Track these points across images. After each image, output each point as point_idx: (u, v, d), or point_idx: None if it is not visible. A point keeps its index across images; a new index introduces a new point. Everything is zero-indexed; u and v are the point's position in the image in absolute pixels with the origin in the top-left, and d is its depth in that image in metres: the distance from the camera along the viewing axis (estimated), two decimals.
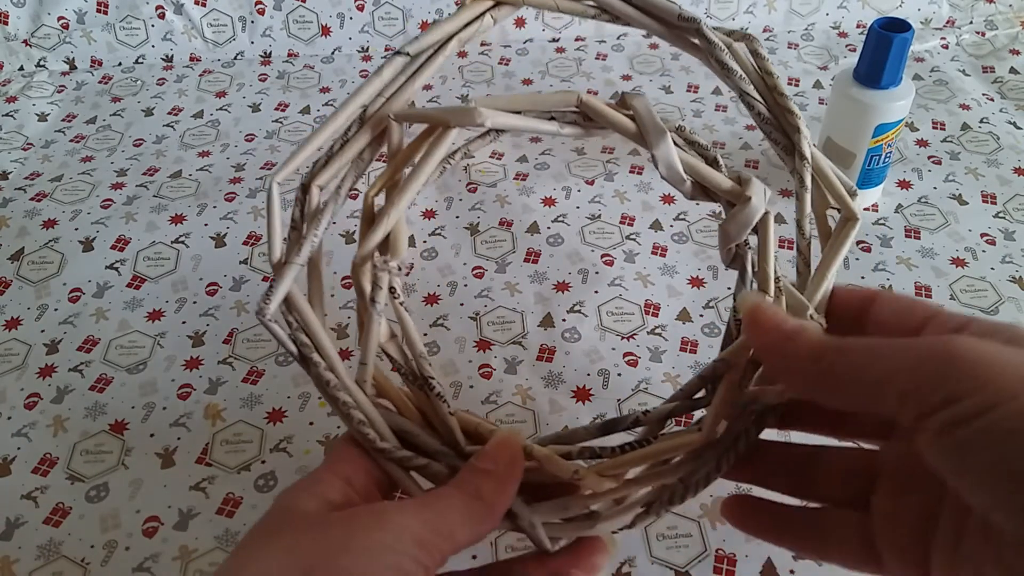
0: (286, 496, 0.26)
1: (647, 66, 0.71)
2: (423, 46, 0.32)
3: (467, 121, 0.29)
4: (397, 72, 0.32)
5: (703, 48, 0.33)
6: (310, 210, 0.30)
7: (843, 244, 0.32)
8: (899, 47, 0.48)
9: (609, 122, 0.31)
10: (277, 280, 0.28)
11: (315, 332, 0.29)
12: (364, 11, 0.73)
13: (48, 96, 0.69)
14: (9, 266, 0.52)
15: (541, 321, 0.48)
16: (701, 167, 0.31)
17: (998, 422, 0.20)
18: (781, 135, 0.33)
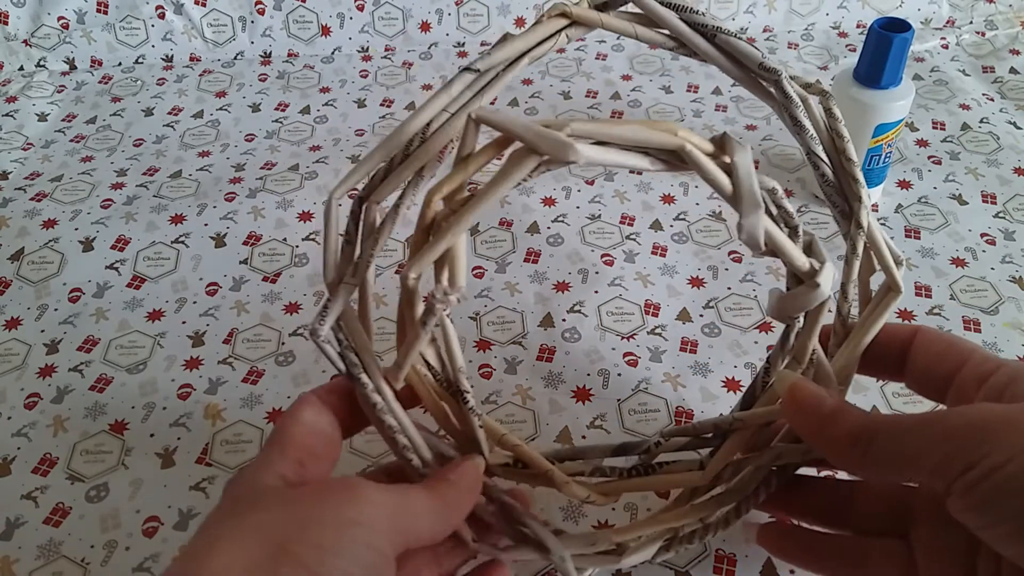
0: (239, 478, 0.27)
1: (647, 66, 0.71)
2: (493, 62, 0.31)
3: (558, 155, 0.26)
4: (464, 87, 0.31)
5: (779, 100, 0.32)
6: (366, 227, 0.29)
7: (881, 315, 0.32)
8: (899, 47, 0.48)
9: (708, 178, 0.29)
10: (332, 300, 0.28)
11: (364, 353, 0.29)
12: (364, 11, 0.73)
13: (48, 96, 0.69)
14: (9, 266, 0.52)
15: (541, 321, 0.48)
16: (781, 240, 0.30)
17: (1013, 476, 0.22)
18: (840, 199, 0.33)
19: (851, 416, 0.26)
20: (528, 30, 0.31)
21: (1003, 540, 0.23)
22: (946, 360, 0.29)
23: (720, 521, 0.32)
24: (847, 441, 0.26)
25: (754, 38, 0.74)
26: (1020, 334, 0.46)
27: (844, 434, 0.26)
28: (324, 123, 0.65)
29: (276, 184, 0.58)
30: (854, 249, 0.32)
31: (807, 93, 0.32)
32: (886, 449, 0.25)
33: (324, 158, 0.61)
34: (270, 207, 0.56)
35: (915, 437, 0.24)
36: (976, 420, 0.23)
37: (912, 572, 0.28)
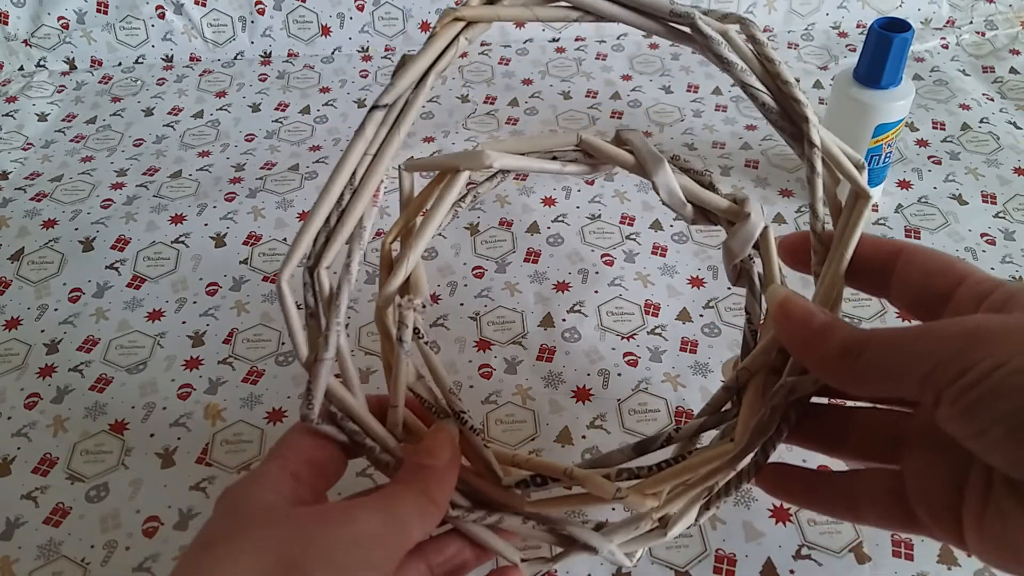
0: (240, 492, 0.26)
1: (647, 66, 0.71)
2: (400, 91, 0.31)
3: (476, 165, 0.30)
4: (378, 126, 0.31)
5: (699, 43, 0.32)
6: (323, 296, 0.29)
7: (857, 223, 0.32)
8: (899, 47, 0.48)
9: (608, 157, 0.32)
10: (313, 381, 0.28)
11: (361, 418, 0.29)
12: (364, 11, 0.73)
13: (48, 96, 0.69)
14: (9, 266, 0.52)
15: (541, 321, 0.48)
16: (699, 191, 0.33)
17: (1004, 379, 0.21)
18: (788, 123, 0.33)
19: (842, 329, 0.26)
20: (425, 46, 0.31)
21: (993, 446, 0.22)
22: (940, 277, 0.27)
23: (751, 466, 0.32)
24: (837, 353, 0.25)
25: None
26: None
27: (835, 346, 0.25)
28: (324, 123, 0.65)
29: (276, 184, 0.58)
30: (812, 167, 0.32)
31: (725, 25, 0.32)
32: (877, 359, 0.24)
33: (324, 158, 0.61)
34: (270, 207, 0.56)
35: (907, 346, 0.24)
36: (971, 328, 0.23)
37: (903, 502, 0.28)
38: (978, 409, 0.22)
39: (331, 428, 0.29)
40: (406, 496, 0.27)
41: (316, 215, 0.29)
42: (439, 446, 0.29)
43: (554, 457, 0.41)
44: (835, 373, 0.26)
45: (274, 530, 0.24)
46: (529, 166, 0.32)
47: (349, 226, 0.30)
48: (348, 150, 0.30)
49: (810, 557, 0.37)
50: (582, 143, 0.33)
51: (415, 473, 0.28)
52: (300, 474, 0.27)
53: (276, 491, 0.26)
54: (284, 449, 0.28)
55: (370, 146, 0.31)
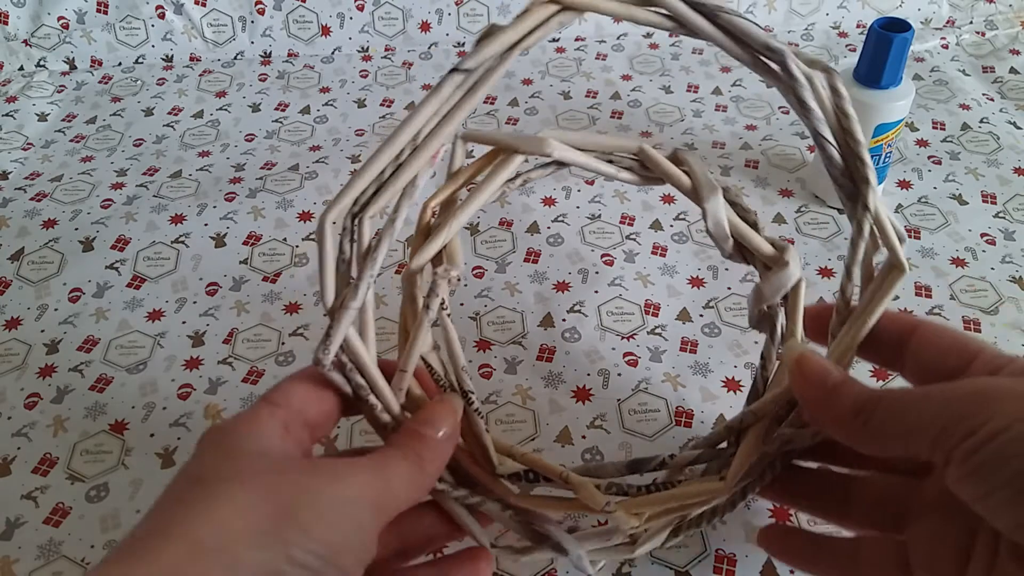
0: (228, 434, 0.25)
1: (647, 66, 0.71)
2: (482, 59, 0.30)
3: (535, 150, 0.30)
4: (454, 88, 0.30)
5: (784, 81, 0.32)
6: (362, 244, 0.29)
7: (886, 295, 0.32)
8: (899, 47, 0.48)
9: (665, 173, 0.32)
10: (334, 326, 0.27)
11: (370, 374, 0.29)
12: (364, 11, 0.73)
13: (48, 96, 0.69)
14: (9, 266, 0.52)
15: (541, 321, 0.48)
16: (745, 229, 0.32)
17: (1009, 443, 0.21)
18: (847, 181, 0.32)
19: (855, 387, 0.26)
20: (517, 19, 0.30)
21: (999, 509, 0.22)
22: (953, 355, 0.28)
23: (727, 504, 0.32)
24: (850, 411, 0.26)
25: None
26: (1020, 334, 0.46)
27: (848, 405, 0.26)
28: (324, 123, 0.65)
29: (276, 184, 0.58)
30: (860, 231, 0.32)
31: (812, 71, 0.32)
32: (888, 419, 0.25)
33: (324, 158, 0.61)
34: (270, 207, 0.56)
35: (918, 406, 0.24)
36: (980, 388, 0.23)
37: (905, 571, 0.28)
38: (985, 472, 0.22)
39: (339, 377, 0.28)
40: (400, 462, 0.27)
41: (374, 164, 0.29)
42: (440, 417, 0.29)
43: (554, 457, 0.41)
44: (848, 432, 0.26)
45: (269, 476, 0.24)
46: (587, 163, 0.31)
47: (403, 180, 0.29)
48: (420, 106, 0.30)
49: None
50: (640, 153, 0.32)
51: (412, 440, 0.28)
52: (289, 424, 0.27)
53: (267, 438, 0.26)
54: (277, 396, 0.27)
55: (442, 107, 0.30)
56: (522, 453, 0.31)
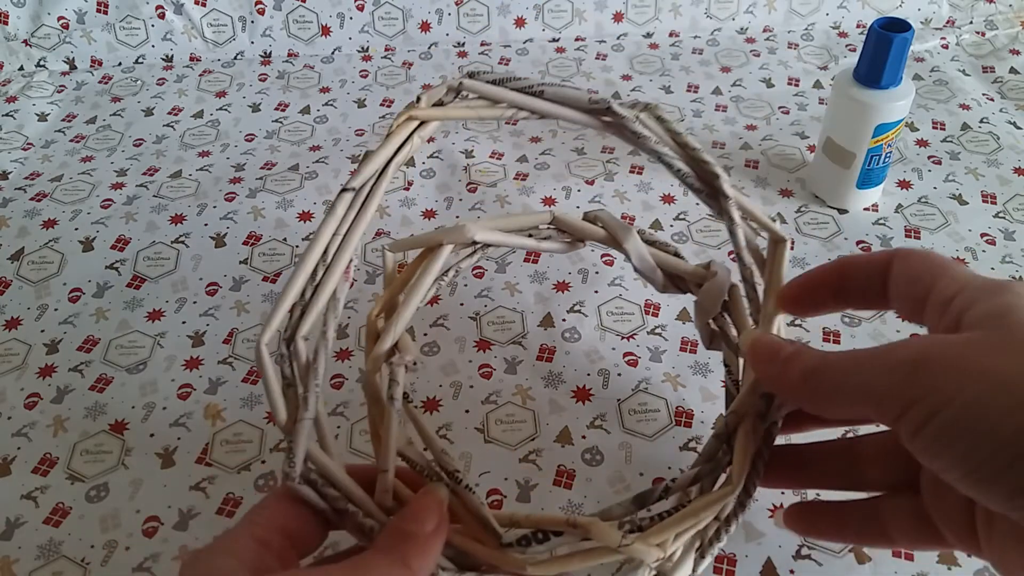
0: (203, 558, 0.25)
1: (647, 66, 0.71)
2: (364, 178, 0.35)
3: (457, 239, 0.33)
4: (347, 207, 0.34)
5: (615, 123, 0.36)
6: (300, 363, 0.31)
7: (780, 267, 0.35)
8: (899, 47, 0.48)
9: (580, 232, 0.36)
10: (294, 440, 0.28)
11: (340, 482, 0.29)
12: (364, 11, 0.73)
13: (48, 96, 0.69)
14: (9, 266, 0.52)
15: (541, 321, 0.48)
16: (667, 258, 0.37)
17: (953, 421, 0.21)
18: (703, 184, 0.36)
19: (805, 355, 0.27)
20: (384, 141, 0.35)
21: (957, 483, 0.22)
22: (920, 281, 0.27)
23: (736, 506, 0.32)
24: (800, 379, 0.26)
25: (754, 38, 0.74)
26: None
27: (798, 372, 0.26)
28: (324, 123, 0.65)
29: (276, 184, 0.58)
30: (731, 219, 0.35)
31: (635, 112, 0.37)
32: (832, 382, 0.25)
33: (324, 158, 0.61)
34: (270, 207, 0.56)
35: (858, 371, 0.24)
36: (914, 356, 0.23)
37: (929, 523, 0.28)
38: (938, 448, 0.22)
39: (311, 492, 0.28)
40: (381, 564, 0.26)
41: (291, 289, 0.32)
42: (425, 511, 0.28)
43: (554, 458, 0.41)
44: (800, 398, 0.27)
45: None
46: (508, 241, 0.35)
47: (324, 297, 0.32)
48: (321, 228, 0.33)
49: (810, 557, 0.37)
50: (555, 221, 0.37)
51: (395, 539, 0.27)
52: (269, 541, 0.26)
53: (239, 557, 0.25)
54: (255, 515, 0.27)
55: (340, 225, 0.34)
56: (525, 516, 0.30)
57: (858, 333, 0.47)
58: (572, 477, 0.40)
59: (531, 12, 0.73)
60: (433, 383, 0.45)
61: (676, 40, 0.74)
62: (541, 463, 0.41)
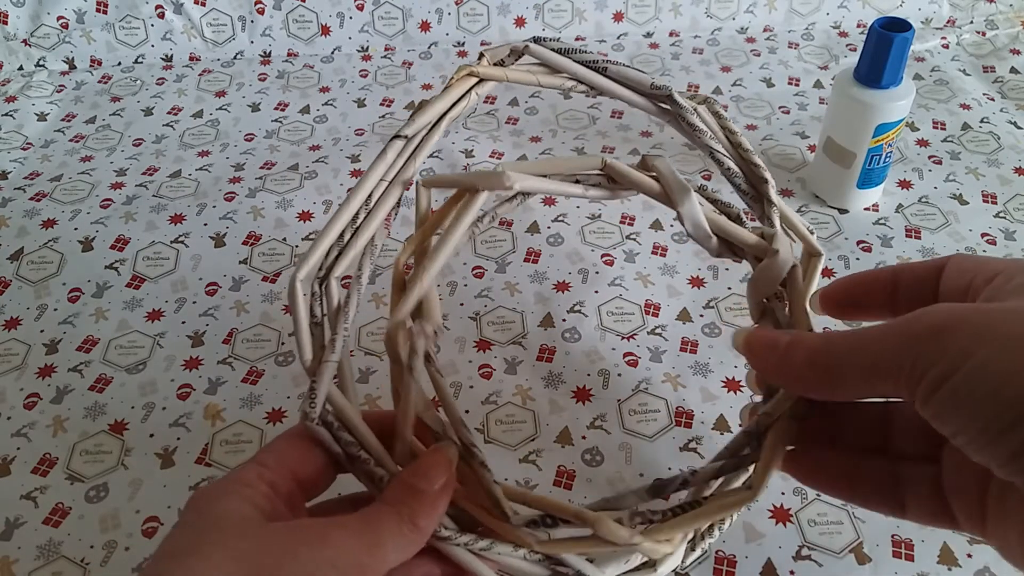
0: (212, 499, 0.25)
1: (647, 66, 0.71)
2: (418, 127, 0.34)
3: (496, 185, 0.30)
4: (397, 154, 0.33)
5: (672, 112, 0.36)
6: (331, 305, 0.30)
7: (812, 278, 0.35)
8: (899, 47, 0.48)
9: (633, 183, 0.32)
10: (317, 382, 0.28)
11: (356, 428, 0.29)
12: (364, 11, 0.73)
13: (47, 96, 0.69)
14: (8, 266, 0.52)
15: (541, 321, 0.48)
16: (726, 223, 0.32)
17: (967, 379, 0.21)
18: (749, 186, 0.35)
19: (806, 340, 0.26)
20: (442, 93, 0.34)
21: (966, 448, 0.22)
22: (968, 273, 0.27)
23: None
24: (805, 365, 0.25)
25: (754, 37, 0.74)
26: None
27: (802, 358, 0.25)
28: (324, 123, 0.65)
29: (276, 184, 0.58)
30: (772, 225, 0.34)
31: (695, 104, 0.36)
32: (842, 361, 0.24)
33: (324, 158, 0.61)
34: (270, 207, 0.56)
35: (874, 346, 0.23)
36: (935, 322, 0.22)
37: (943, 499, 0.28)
38: (948, 412, 0.22)
39: (326, 434, 0.28)
40: (390, 520, 0.26)
41: (331, 229, 0.31)
42: (434, 468, 0.28)
43: (554, 458, 0.41)
44: (808, 385, 0.26)
45: (248, 543, 0.23)
46: (551, 188, 0.32)
47: (362, 241, 0.32)
48: (368, 172, 0.32)
49: (810, 558, 0.37)
50: (606, 167, 0.33)
51: (405, 495, 0.27)
52: (278, 485, 0.26)
53: (250, 501, 0.25)
54: (267, 456, 0.27)
55: (388, 171, 0.33)
56: (537, 498, 0.30)
57: None
58: (572, 477, 0.40)
59: (531, 12, 0.73)
60: None
61: (676, 40, 0.74)
62: (541, 463, 0.41)
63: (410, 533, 0.26)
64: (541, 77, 0.35)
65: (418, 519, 0.26)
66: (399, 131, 0.33)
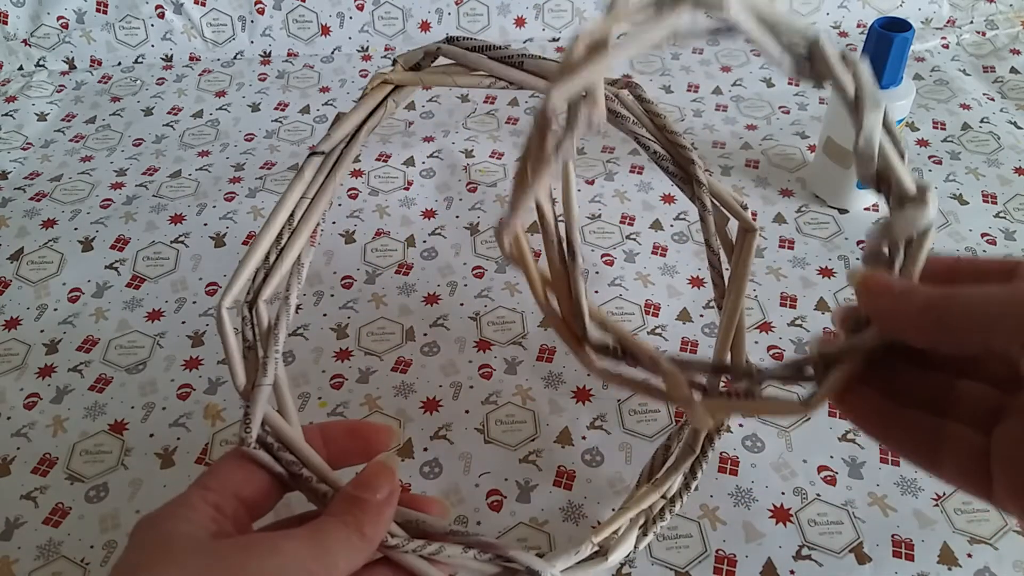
0: (158, 522, 0.26)
1: (647, 66, 0.71)
2: (335, 142, 0.34)
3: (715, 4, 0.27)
4: (315, 171, 0.33)
5: None
6: (262, 328, 0.31)
7: (748, 256, 0.36)
8: (899, 47, 0.48)
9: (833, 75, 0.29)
10: (251, 406, 0.29)
11: (297, 447, 0.30)
12: (364, 11, 0.73)
13: (47, 96, 0.69)
14: (9, 266, 0.52)
15: (541, 321, 0.48)
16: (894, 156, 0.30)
17: None
18: (677, 168, 0.36)
19: (924, 289, 0.26)
20: (358, 105, 0.34)
21: None
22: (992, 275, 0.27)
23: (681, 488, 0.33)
24: (921, 309, 0.26)
25: None
26: None
27: (919, 303, 0.26)
28: (324, 123, 0.65)
29: (276, 184, 0.58)
30: (704, 205, 0.35)
31: (616, 89, 0.35)
32: (964, 313, 0.25)
33: None
34: (270, 207, 0.56)
35: (992, 301, 0.24)
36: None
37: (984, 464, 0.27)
38: None
39: (266, 456, 0.29)
40: (337, 529, 0.27)
41: (255, 252, 0.31)
42: (377, 478, 0.28)
43: (554, 459, 0.41)
44: (919, 330, 0.26)
45: (198, 559, 0.24)
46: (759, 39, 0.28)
47: (288, 262, 0.32)
48: (287, 192, 0.33)
49: (810, 558, 0.37)
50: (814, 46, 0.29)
51: (349, 505, 0.28)
52: (223, 506, 0.27)
53: (194, 522, 0.26)
54: (209, 479, 0.28)
55: (308, 189, 0.33)
56: (616, 326, 0.30)
57: None
58: (572, 478, 0.40)
59: (531, 12, 0.73)
60: (433, 383, 0.45)
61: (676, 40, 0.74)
62: (541, 463, 0.41)
63: (358, 542, 0.27)
64: (458, 77, 0.35)
65: (364, 528, 0.27)
66: (315, 147, 0.33)
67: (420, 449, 0.41)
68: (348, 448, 0.32)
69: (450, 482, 0.40)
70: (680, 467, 0.36)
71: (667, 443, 0.37)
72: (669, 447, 0.37)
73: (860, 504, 0.39)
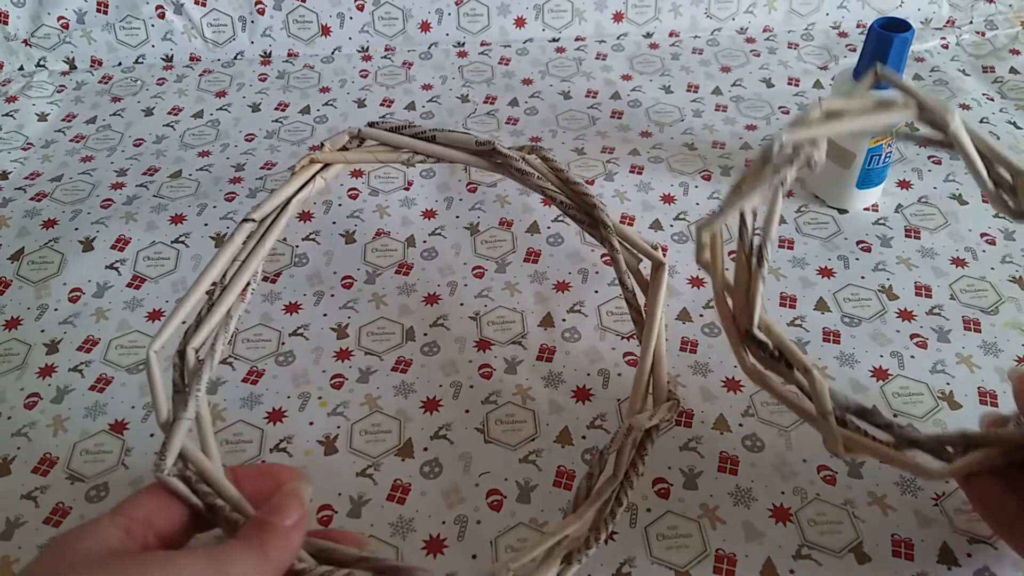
0: (67, 539, 0.26)
1: (647, 66, 0.71)
2: (266, 212, 0.38)
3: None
4: (246, 237, 0.37)
5: (501, 163, 0.41)
6: (188, 371, 0.34)
7: (659, 288, 0.39)
8: (899, 47, 0.48)
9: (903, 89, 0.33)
10: (169, 438, 0.31)
11: (214, 478, 0.31)
12: (364, 11, 0.73)
13: (48, 96, 0.69)
14: (9, 266, 0.52)
15: (541, 321, 0.48)
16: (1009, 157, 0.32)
17: None
18: (584, 215, 0.40)
19: None
20: (289, 180, 0.39)
21: None
22: None
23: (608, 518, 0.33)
24: None
25: (754, 38, 0.74)
26: (1020, 334, 0.46)
27: None
28: (324, 123, 0.65)
29: (276, 184, 0.58)
30: (613, 247, 0.38)
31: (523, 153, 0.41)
32: None
33: None
34: None
35: None
36: None
37: None
38: None
39: (182, 486, 0.30)
40: (240, 550, 0.27)
41: (183, 307, 0.35)
42: (287, 504, 0.29)
43: (554, 458, 0.41)
44: None
45: (100, 571, 0.24)
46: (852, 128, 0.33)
47: (218, 316, 0.36)
48: (218, 254, 0.37)
49: (810, 557, 0.37)
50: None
51: (256, 529, 0.28)
52: (132, 530, 0.27)
53: (100, 539, 0.26)
54: (122, 506, 0.28)
55: (240, 252, 0.38)
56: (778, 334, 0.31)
57: (858, 333, 0.47)
58: (572, 478, 0.40)
59: (531, 12, 0.73)
60: (433, 383, 0.45)
61: (676, 40, 0.74)
62: (541, 463, 0.41)
63: (261, 563, 0.27)
64: (379, 154, 0.41)
65: (268, 550, 0.27)
66: (248, 215, 0.37)
67: (420, 449, 0.42)
68: (260, 488, 0.32)
69: (450, 482, 0.40)
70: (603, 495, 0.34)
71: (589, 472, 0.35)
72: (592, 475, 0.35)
73: (860, 504, 0.39)
